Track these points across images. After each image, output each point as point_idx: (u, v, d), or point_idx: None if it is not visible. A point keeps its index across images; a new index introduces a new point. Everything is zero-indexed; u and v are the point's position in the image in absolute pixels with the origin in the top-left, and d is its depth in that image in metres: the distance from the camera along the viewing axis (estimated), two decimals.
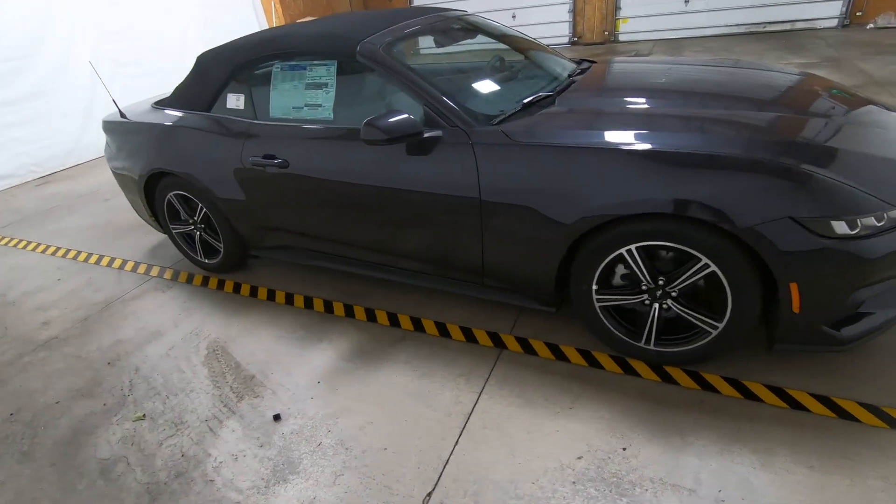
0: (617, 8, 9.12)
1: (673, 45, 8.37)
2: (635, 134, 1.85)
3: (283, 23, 9.13)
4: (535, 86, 2.44)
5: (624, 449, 1.73)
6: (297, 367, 2.33)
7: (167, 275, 3.31)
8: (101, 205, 4.80)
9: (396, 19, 2.51)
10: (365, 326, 2.55)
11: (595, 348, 2.18)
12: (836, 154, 1.76)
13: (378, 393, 2.12)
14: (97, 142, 6.59)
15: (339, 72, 2.35)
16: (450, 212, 2.11)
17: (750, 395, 1.87)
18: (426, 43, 2.68)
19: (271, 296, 2.91)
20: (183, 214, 3.11)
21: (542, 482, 1.66)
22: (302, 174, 2.42)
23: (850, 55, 6.38)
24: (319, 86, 2.39)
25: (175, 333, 2.69)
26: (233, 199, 2.73)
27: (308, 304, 2.78)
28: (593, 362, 2.12)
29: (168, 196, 3.03)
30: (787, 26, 8.27)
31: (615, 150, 1.79)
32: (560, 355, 2.18)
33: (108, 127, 3.26)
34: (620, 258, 1.89)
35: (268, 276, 3.10)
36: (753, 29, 8.37)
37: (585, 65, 2.85)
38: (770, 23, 8.28)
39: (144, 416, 2.18)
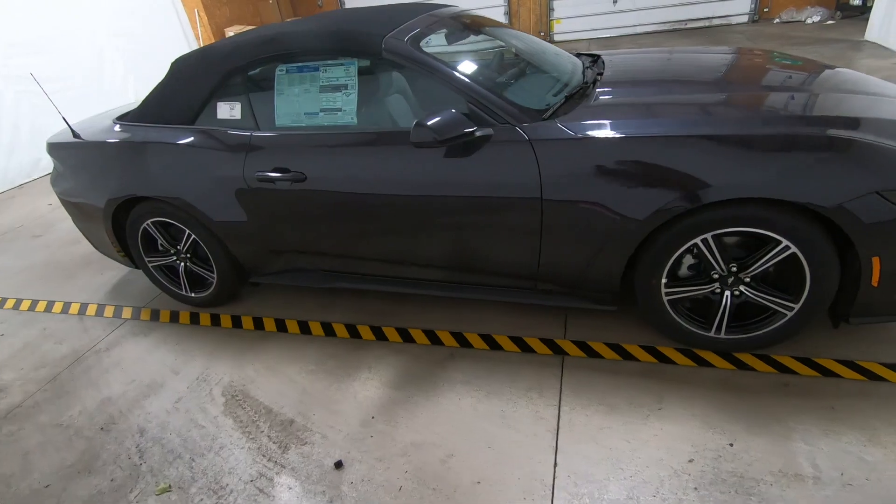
0: (550, 9, 9.38)
1: (607, 44, 8.72)
2: (697, 120, 1.81)
3: (208, 31, 8.50)
4: (560, 79, 2.35)
5: (731, 444, 1.67)
6: (342, 403, 2.07)
7: (144, 315, 2.87)
8: (31, 242, 4.13)
9: (403, 15, 2.32)
10: (402, 348, 2.33)
11: (658, 343, 2.13)
12: (878, 123, 1.79)
13: (446, 420, 1.92)
14: (16, 167, 5.77)
15: (360, 71, 2.13)
16: (504, 215, 1.96)
17: (827, 373, 1.88)
18: (437, 40, 2.51)
19: (281, 326, 2.60)
20: (162, 244, 2.71)
21: (663, 493, 1.56)
22: (322, 187, 2.17)
23: (770, 46, 6.94)
24: (337, 88, 2.14)
25: (177, 382, 2.32)
26: (232, 222, 2.40)
27: (328, 330, 2.51)
28: (662, 358, 2.06)
29: (144, 225, 2.63)
30: (706, 23, 8.89)
31: (690, 138, 1.73)
32: (626, 355, 2.10)
33: (57, 149, 2.78)
34: (690, 248, 1.84)
35: (266, 306, 2.77)
36: (677, 26, 8.91)
37: (587, 59, 2.81)
38: (691, 20, 8.86)
39: (170, 486, 1.83)
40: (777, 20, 8.42)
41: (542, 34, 9.55)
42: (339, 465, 1.81)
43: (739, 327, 1.96)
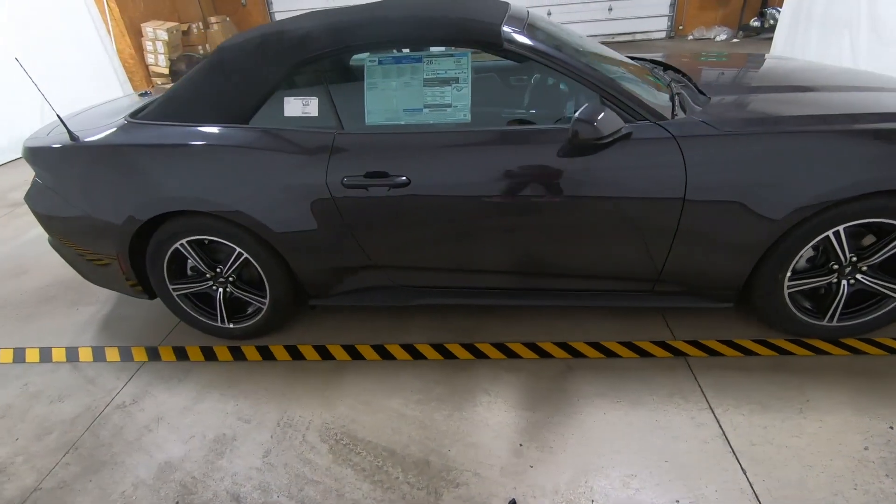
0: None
1: None
2: (827, 117, 1.86)
3: (121, 26, 7.46)
4: (652, 80, 2.31)
5: (891, 427, 1.74)
6: (476, 434, 1.84)
7: (165, 355, 2.36)
8: None
9: (478, 4, 2.15)
10: (510, 365, 2.15)
11: (767, 336, 2.17)
12: None
13: (602, 437, 1.78)
14: None
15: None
16: (638, 216, 1.88)
17: None
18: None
19: (354, 353, 2.27)
20: (196, 268, 2.25)
21: (858, 483, 1.56)
22: (429, 192, 1.93)
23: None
24: (446, 81, 1.92)
25: (254, 433, 1.92)
26: (302, 236, 2.05)
27: (414, 353, 2.24)
28: (780, 350, 2.10)
29: (175, 245, 2.16)
30: (629, 37, 9.62)
31: (830, 133, 1.78)
32: (745, 350, 2.11)
33: (45, 155, 2.20)
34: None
35: (317, 333, 2.42)
36: (606, 39, 9.52)
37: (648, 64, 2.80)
38: (617, 34, 9.53)
39: None
40: (690, 37, 9.34)
41: None
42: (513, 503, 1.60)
43: (850, 314, 2.06)
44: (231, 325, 2.36)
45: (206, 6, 9.27)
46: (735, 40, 8.89)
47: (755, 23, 8.82)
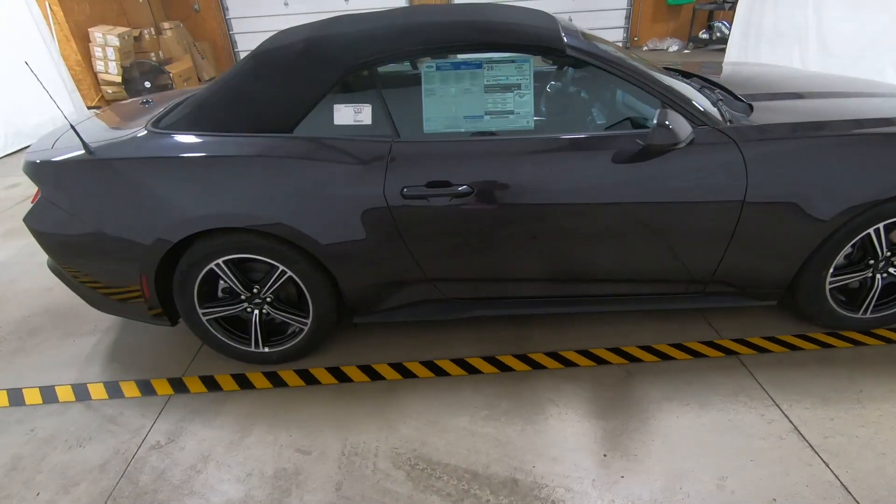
0: None
1: None
2: (859, 121, 1.97)
3: (65, 30, 6.89)
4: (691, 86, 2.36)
5: None
6: (556, 446, 1.79)
7: (194, 387, 2.15)
8: None
9: (528, 15, 2.13)
10: (569, 374, 2.11)
11: (804, 331, 2.26)
12: None
13: (682, 441, 1.78)
14: None
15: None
16: (697, 219, 1.91)
17: None
18: None
19: (405, 372, 2.17)
20: (229, 289, 2.08)
21: None
22: (493, 202, 1.87)
23: None
24: (507, 88, 1.88)
25: (319, 465, 1.78)
26: (353, 251, 1.94)
27: (468, 368, 2.17)
28: (823, 344, 2.19)
29: (210, 266, 1.98)
30: None
31: (874, 136, 1.88)
32: (790, 346, 2.18)
33: (55, 170, 1.96)
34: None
35: (355, 352, 2.30)
36: None
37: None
38: None
39: None
40: (645, 48, 9.80)
41: None
42: None
43: (881, 306, 2.18)
44: (267, 350, 2.19)
45: (157, 11, 8.74)
46: (686, 51, 9.41)
47: (704, 35, 9.38)
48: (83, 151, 1.94)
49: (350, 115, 1.90)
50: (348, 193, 1.88)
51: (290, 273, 2.01)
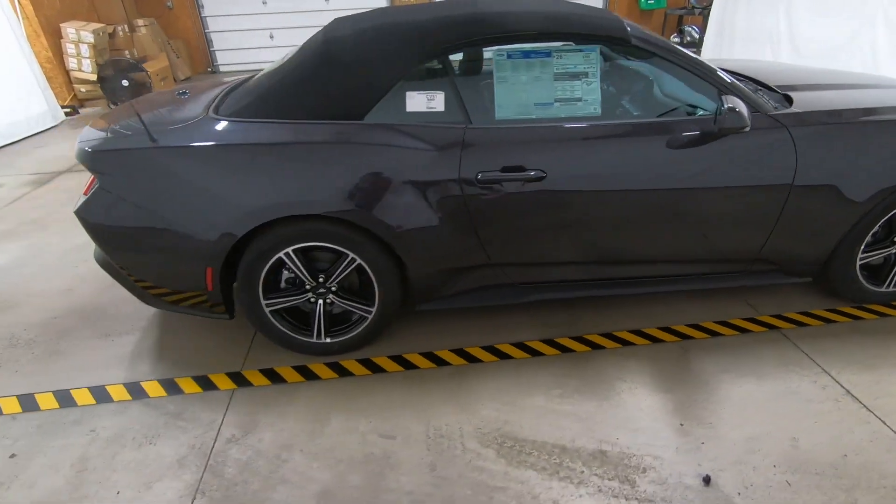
0: None
1: None
2: (888, 108, 2.14)
3: (35, 25, 6.53)
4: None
5: None
6: (636, 420, 1.87)
7: (256, 380, 2.11)
8: None
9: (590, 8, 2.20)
10: (628, 352, 2.20)
11: (832, 305, 2.42)
12: None
13: (750, 408, 1.89)
14: None
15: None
16: (750, 202, 2.04)
17: None
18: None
19: (469, 358, 2.20)
20: (293, 279, 2.06)
21: None
22: (564, 186, 1.94)
23: None
24: (575, 76, 1.95)
25: (407, 448, 1.78)
26: (425, 236, 1.96)
27: (531, 351, 2.22)
28: (853, 316, 2.36)
29: (279, 255, 1.96)
30: None
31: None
32: (825, 320, 2.34)
33: (118, 159, 1.89)
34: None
35: (411, 340, 2.31)
36: None
37: None
38: None
39: None
40: None
41: None
42: (707, 480, 1.64)
43: None
44: (329, 340, 2.17)
45: (129, 7, 8.40)
46: None
47: (675, 38, 9.80)
48: (146, 138, 1.88)
49: (423, 101, 1.93)
50: (423, 179, 1.91)
51: (359, 261, 2.01)
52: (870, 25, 5.34)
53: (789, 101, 2.19)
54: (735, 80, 2.09)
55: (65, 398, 2.08)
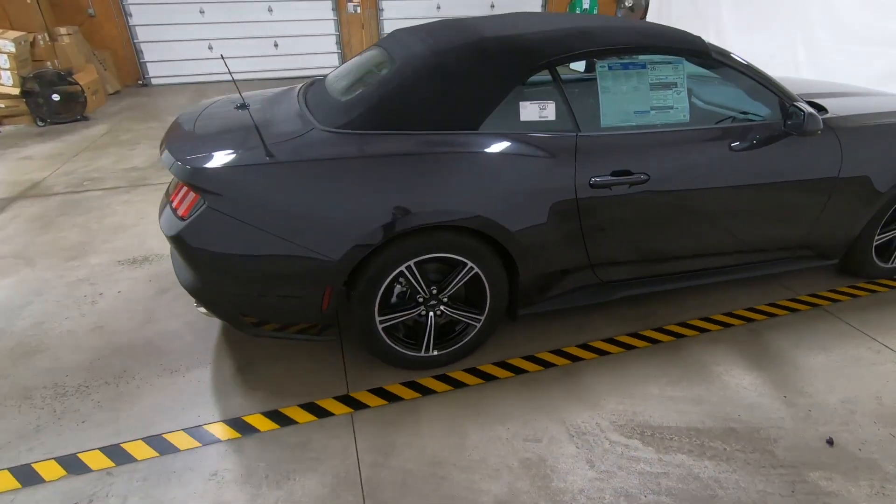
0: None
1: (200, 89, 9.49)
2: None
3: None
4: None
5: None
6: (746, 398, 2.04)
7: (370, 401, 2.03)
8: None
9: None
10: (707, 338, 2.39)
11: (848, 283, 2.79)
12: None
13: (832, 374, 2.15)
14: None
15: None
16: (805, 194, 2.32)
17: None
18: None
19: (567, 356, 2.27)
20: (404, 293, 2.02)
21: None
22: (666, 188, 2.09)
23: None
24: (667, 86, 2.10)
25: (557, 448, 1.82)
26: (539, 240, 2.02)
27: (625, 346, 2.34)
28: (869, 290, 2.73)
29: (400, 269, 1.91)
30: (307, 72, 9.20)
31: None
32: (850, 295, 2.70)
33: (238, 175, 1.76)
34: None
35: (497, 347, 2.35)
36: (279, 75, 9.19)
37: None
38: (287, 69, 9.15)
39: None
40: None
41: None
42: (830, 441, 1.84)
43: None
44: (436, 353, 2.14)
45: (47, 14, 7.53)
46: None
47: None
48: (261, 154, 1.77)
49: (535, 111, 1.99)
50: (541, 185, 1.97)
51: (476, 269, 2.01)
52: (790, 45, 6.16)
53: (819, 107, 2.51)
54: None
55: (161, 444, 1.86)
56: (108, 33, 8.51)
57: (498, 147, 1.94)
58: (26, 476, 1.75)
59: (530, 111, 2.00)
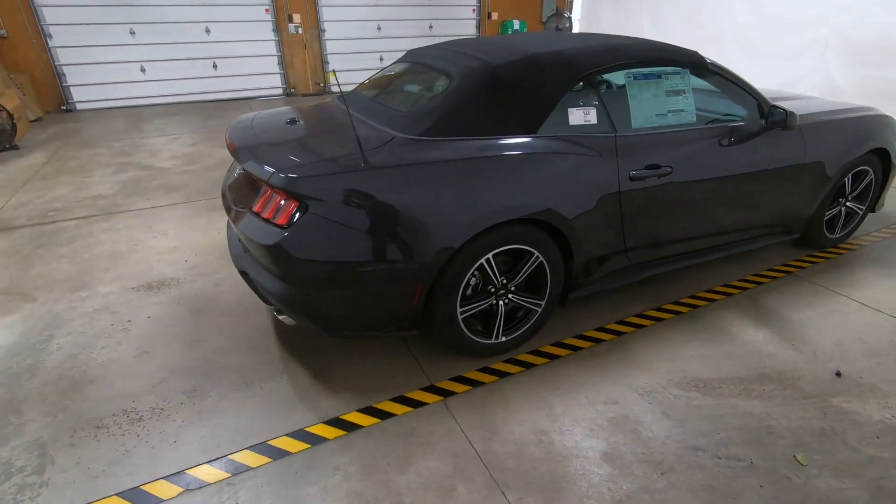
0: (325, 62, 9.67)
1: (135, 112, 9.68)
2: (835, 111, 3.12)
3: None
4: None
5: None
6: (764, 348, 2.43)
7: (454, 388, 2.16)
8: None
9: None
10: (719, 306, 2.78)
11: (800, 255, 3.35)
12: None
13: (821, 326, 2.61)
14: None
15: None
16: (783, 176, 2.81)
17: None
18: None
19: (611, 332, 2.56)
20: (478, 285, 2.19)
21: None
22: (684, 178, 2.46)
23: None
24: (678, 92, 2.48)
25: (633, 407, 2.08)
26: (592, 229, 2.30)
27: (652, 318, 2.66)
28: (823, 257, 3.30)
29: (480, 262, 2.09)
30: (248, 94, 9.13)
31: (843, 121, 3.03)
32: (809, 262, 3.23)
33: (335, 184, 1.84)
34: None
35: (547, 329, 2.60)
36: (219, 96, 8.98)
37: None
38: (227, 90, 9.00)
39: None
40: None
41: (321, 84, 9.76)
42: (839, 374, 2.26)
43: (844, 227, 3.39)
44: (503, 339, 2.33)
45: None
46: None
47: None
48: (358, 160, 1.88)
49: (582, 115, 2.28)
50: (593, 179, 2.25)
51: (541, 258, 2.24)
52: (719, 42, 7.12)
53: None
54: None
55: (269, 450, 1.88)
56: (24, 56, 7.83)
57: (557, 148, 2.20)
58: (139, 498, 1.71)
59: (577, 116, 2.28)
